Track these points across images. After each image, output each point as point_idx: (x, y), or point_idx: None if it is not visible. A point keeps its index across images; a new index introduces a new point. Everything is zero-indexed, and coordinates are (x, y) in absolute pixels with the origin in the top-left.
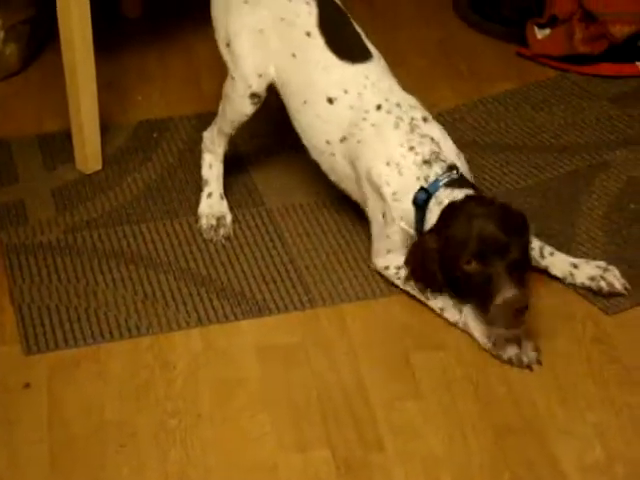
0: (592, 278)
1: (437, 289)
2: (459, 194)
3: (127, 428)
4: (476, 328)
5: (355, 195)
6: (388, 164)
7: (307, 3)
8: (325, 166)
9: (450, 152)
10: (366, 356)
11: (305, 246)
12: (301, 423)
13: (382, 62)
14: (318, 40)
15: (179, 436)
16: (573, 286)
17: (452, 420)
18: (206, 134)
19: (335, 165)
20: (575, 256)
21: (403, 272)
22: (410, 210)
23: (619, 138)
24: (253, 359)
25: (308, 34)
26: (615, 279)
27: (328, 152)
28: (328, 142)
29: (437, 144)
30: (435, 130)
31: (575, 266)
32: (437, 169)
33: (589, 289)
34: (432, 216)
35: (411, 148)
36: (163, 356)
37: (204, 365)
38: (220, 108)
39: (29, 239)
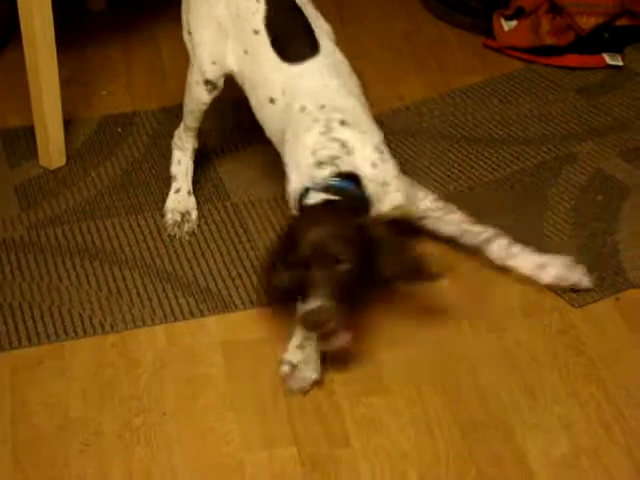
0: (558, 277)
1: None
2: (318, 198)
3: (91, 426)
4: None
5: None
6: (297, 165)
7: (257, 0)
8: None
9: (362, 161)
10: (332, 351)
11: (272, 240)
12: (267, 420)
13: (329, 59)
14: (264, 39)
15: (144, 434)
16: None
17: (418, 415)
18: (176, 132)
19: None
20: (543, 249)
21: None
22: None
23: (586, 130)
24: (219, 355)
25: (256, 32)
26: (582, 276)
27: (276, 138)
28: (279, 140)
29: (348, 149)
30: (351, 134)
31: (542, 266)
32: (325, 173)
33: (556, 287)
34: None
35: (313, 152)
36: (128, 353)
37: (169, 362)
38: (183, 101)
39: None
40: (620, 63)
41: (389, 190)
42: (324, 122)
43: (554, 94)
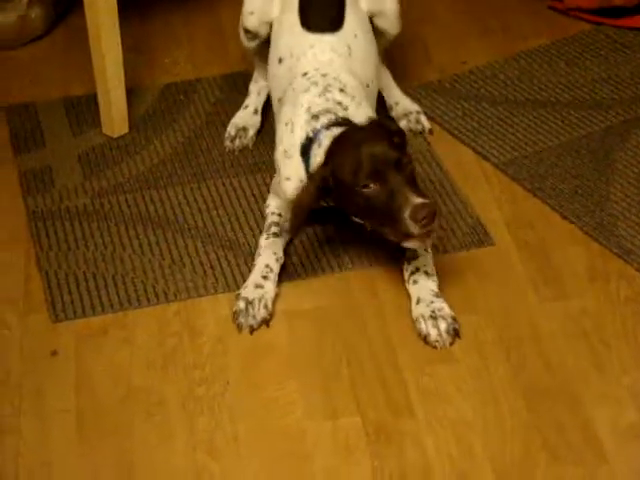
0: (420, 317)
1: (296, 226)
2: (338, 130)
3: (155, 396)
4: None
5: None
6: (286, 124)
7: None
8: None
9: (357, 119)
10: (396, 320)
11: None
12: (330, 389)
13: (347, 41)
14: (295, 1)
15: (207, 404)
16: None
17: (483, 384)
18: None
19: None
20: (610, 215)
21: (271, 216)
22: (300, 165)
23: None
24: (282, 324)
25: None
26: (433, 328)
27: (275, 109)
28: (278, 99)
29: (343, 107)
30: (347, 100)
31: (419, 300)
32: (324, 120)
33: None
34: (316, 160)
35: (308, 108)
36: (191, 323)
37: (232, 331)
38: None
39: (55, 205)
40: None
41: None
42: (323, 86)
43: (623, 56)
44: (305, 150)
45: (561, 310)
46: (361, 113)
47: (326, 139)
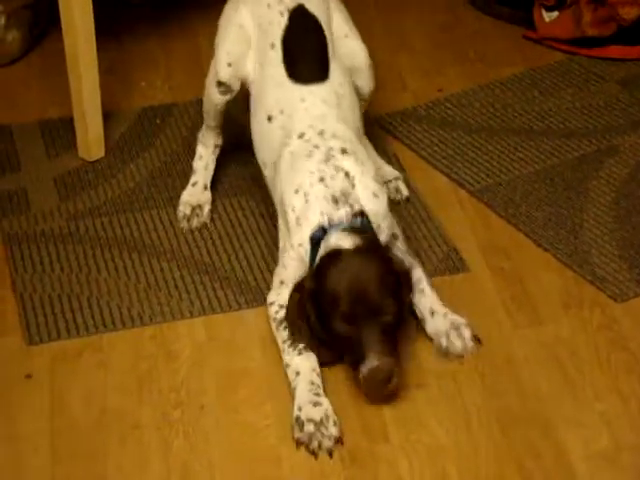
0: (437, 333)
1: (300, 339)
2: (347, 242)
3: (130, 419)
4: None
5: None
6: (297, 192)
7: (281, 14)
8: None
9: (364, 192)
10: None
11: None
12: None
13: (336, 88)
14: (278, 53)
15: (182, 427)
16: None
17: (457, 409)
18: (202, 127)
19: (269, 184)
20: (583, 243)
21: (281, 314)
22: (307, 242)
23: (628, 122)
24: (257, 349)
25: (272, 46)
26: (457, 339)
27: (263, 171)
28: (272, 162)
29: (351, 181)
30: (352, 164)
31: (432, 313)
32: (342, 213)
33: (432, 341)
34: (319, 257)
35: (321, 179)
36: (166, 346)
37: (207, 355)
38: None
39: (31, 228)
40: None
41: (384, 223)
42: (325, 150)
43: (596, 86)
44: (314, 237)
45: (535, 336)
46: (368, 182)
47: (333, 244)
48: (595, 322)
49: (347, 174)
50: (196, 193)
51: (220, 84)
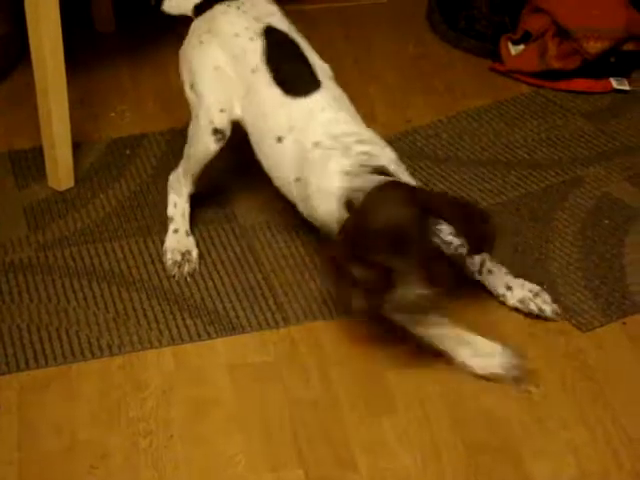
0: (522, 301)
1: (348, 292)
2: (375, 180)
3: (98, 449)
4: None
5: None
6: (325, 189)
7: (251, 39)
8: (291, 197)
9: (386, 160)
10: (339, 374)
11: (279, 263)
12: (274, 442)
13: (332, 91)
14: (264, 75)
15: (151, 457)
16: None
17: (425, 437)
18: (171, 176)
19: (297, 201)
20: (549, 273)
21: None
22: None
23: (592, 154)
24: (226, 378)
25: (254, 70)
26: (545, 304)
27: (287, 188)
28: (295, 179)
29: (372, 155)
30: (370, 148)
31: (509, 287)
32: (360, 177)
33: (520, 311)
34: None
35: (340, 172)
36: (135, 376)
37: (176, 385)
38: (185, 152)
39: (0, 258)
40: (627, 87)
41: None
42: (342, 148)
43: (561, 118)
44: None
45: None
46: (389, 157)
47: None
48: (560, 351)
49: (367, 153)
50: (181, 239)
51: (216, 132)
